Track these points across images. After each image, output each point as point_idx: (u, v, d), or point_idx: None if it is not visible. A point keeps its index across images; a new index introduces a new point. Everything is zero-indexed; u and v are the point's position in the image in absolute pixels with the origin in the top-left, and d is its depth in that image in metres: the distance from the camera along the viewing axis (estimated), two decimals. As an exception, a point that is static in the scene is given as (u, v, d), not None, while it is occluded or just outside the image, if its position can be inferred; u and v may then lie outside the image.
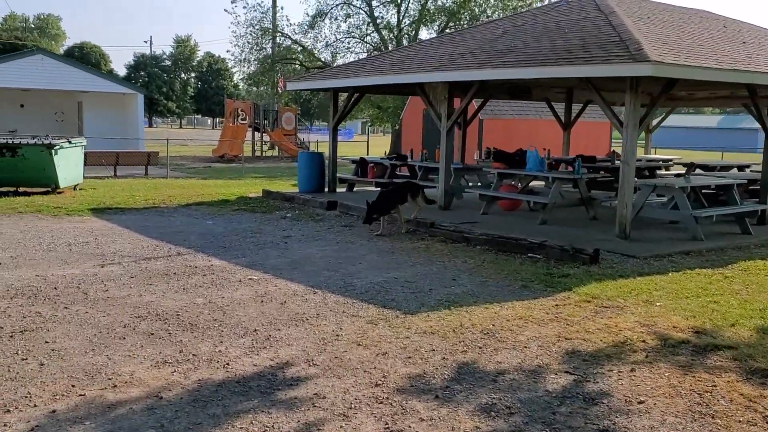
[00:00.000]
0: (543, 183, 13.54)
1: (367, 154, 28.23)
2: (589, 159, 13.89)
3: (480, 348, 5.00)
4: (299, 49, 33.39)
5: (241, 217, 11.53)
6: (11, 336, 5.05)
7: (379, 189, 14.47)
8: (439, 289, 6.76)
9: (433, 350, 4.92)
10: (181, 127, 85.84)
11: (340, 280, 7.12)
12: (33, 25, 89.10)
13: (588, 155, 14.38)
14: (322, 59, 33.19)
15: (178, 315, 5.69)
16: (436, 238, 9.59)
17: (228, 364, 4.59)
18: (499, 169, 11.83)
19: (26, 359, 4.59)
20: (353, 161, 15.99)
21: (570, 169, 13.89)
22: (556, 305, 6.23)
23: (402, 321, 5.61)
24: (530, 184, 12.71)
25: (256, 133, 33.55)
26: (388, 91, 17.76)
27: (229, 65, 74.43)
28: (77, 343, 4.92)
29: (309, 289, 6.67)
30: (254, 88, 38.19)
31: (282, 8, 63.63)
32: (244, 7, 42.88)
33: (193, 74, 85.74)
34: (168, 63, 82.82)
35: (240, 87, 72.90)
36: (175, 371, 4.44)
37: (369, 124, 41.24)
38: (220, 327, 5.40)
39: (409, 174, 14.61)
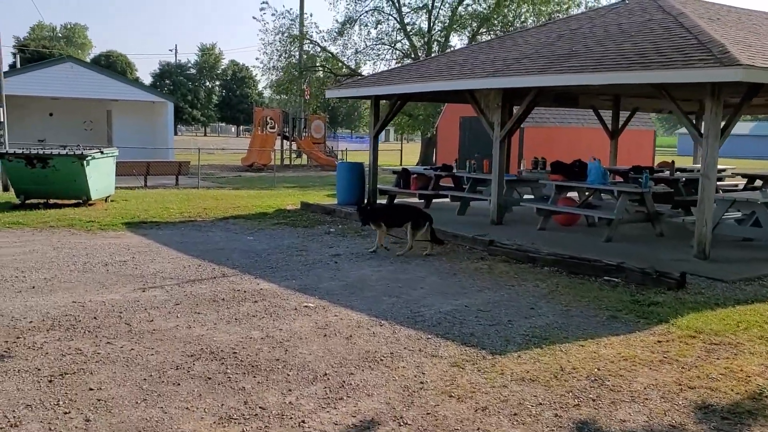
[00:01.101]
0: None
1: (400, 164, 27.60)
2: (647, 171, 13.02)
3: (593, 401, 4.26)
4: (326, 56, 32.86)
5: (283, 233, 10.88)
6: (50, 381, 4.41)
7: (422, 200, 13.84)
8: (519, 320, 6.03)
9: (540, 404, 4.19)
10: (205, 135, 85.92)
11: (406, 308, 6.41)
12: (60, 35, 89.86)
13: (645, 166, 13.53)
14: (350, 66, 32.64)
15: (234, 353, 5.02)
16: (498, 258, 8.85)
17: (303, 421, 3.90)
18: (558, 181, 11.06)
19: (69, 412, 3.94)
20: (394, 171, 15.28)
21: (620, 179, 13.07)
22: (658, 341, 5.47)
23: (491, 363, 4.88)
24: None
25: (284, 141, 33.02)
26: (433, 98, 17.03)
27: (254, 73, 74.63)
28: (126, 391, 4.27)
29: (374, 320, 5.97)
30: (282, 96, 37.77)
31: (311, 15, 63.17)
32: (273, 15, 42.59)
33: (217, 82, 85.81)
34: (193, 71, 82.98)
35: (265, 95, 72.79)
36: (243, 431, 3.76)
37: (400, 132, 40.55)
38: (284, 369, 4.71)
39: (453, 185, 13.86)
